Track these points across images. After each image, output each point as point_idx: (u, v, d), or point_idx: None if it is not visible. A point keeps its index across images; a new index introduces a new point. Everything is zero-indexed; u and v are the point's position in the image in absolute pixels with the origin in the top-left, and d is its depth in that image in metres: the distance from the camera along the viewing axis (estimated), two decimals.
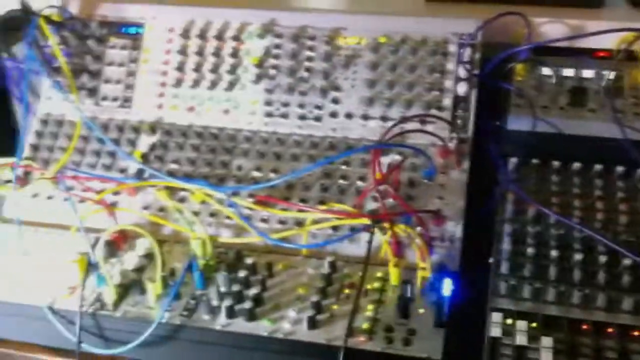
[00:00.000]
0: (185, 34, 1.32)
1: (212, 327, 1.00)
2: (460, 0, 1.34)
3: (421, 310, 1.01)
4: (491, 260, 1.05)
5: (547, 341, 0.94)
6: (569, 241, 1.05)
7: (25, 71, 1.27)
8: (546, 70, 1.22)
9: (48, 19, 1.27)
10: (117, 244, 1.15)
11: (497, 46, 1.23)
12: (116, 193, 1.24)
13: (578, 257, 1.02)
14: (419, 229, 1.09)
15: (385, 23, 1.26)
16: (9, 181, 1.25)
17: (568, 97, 1.19)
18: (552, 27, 1.25)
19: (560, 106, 1.18)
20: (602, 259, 1.02)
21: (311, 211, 1.12)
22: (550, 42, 1.23)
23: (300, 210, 1.14)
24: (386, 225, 1.06)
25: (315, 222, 1.13)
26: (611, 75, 1.19)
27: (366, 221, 1.08)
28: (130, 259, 1.12)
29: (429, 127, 1.20)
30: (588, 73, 1.21)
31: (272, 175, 1.21)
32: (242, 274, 1.06)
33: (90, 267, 1.08)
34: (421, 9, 1.35)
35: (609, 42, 1.20)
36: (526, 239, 1.06)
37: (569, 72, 1.22)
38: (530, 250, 1.04)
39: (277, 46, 1.28)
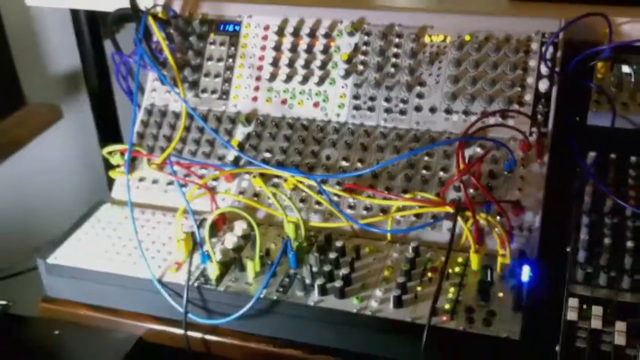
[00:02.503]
0: (280, 32, 1.41)
1: (305, 303, 1.09)
2: (543, 0, 1.38)
3: (500, 295, 1.08)
4: (569, 249, 1.11)
5: (621, 326, 0.99)
6: None
7: (136, 65, 1.38)
8: (626, 69, 1.25)
9: (155, 17, 1.38)
10: (218, 225, 1.26)
11: (579, 45, 1.28)
12: (215, 179, 1.34)
13: None
14: (499, 218, 1.15)
15: (470, 22, 1.32)
16: (117, 166, 1.36)
17: None
18: (633, 27, 1.28)
19: (639, 103, 1.22)
20: None
21: (396, 199, 1.20)
22: (631, 42, 1.26)
23: (386, 198, 1.22)
24: (468, 213, 1.13)
25: (400, 209, 1.21)
26: None
27: (449, 209, 1.16)
28: (229, 239, 1.22)
29: (511, 122, 1.26)
30: None
31: (358, 165, 1.29)
32: (332, 255, 1.15)
33: (195, 245, 1.18)
34: (505, 8, 1.40)
35: None
36: (603, 230, 1.11)
37: None
38: (606, 241, 1.09)
39: (366, 43, 1.36)
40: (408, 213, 1.20)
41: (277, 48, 1.41)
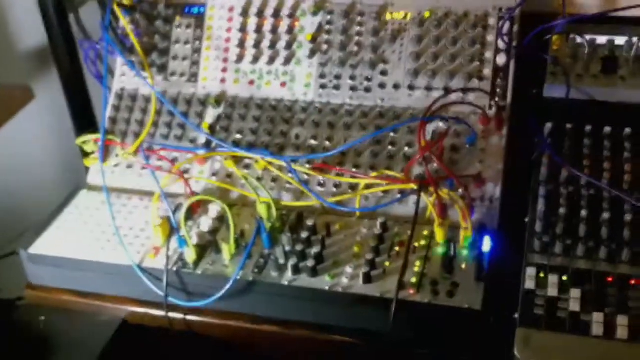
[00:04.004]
0: (244, 13, 1.43)
1: (280, 283, 1.15)
2: None
3: (463, 266, 1.14)
4: (527, 219, 1.17)
5: (575, 292, 1.06)
6: (598, 201, 1.16)
7: (104, 52, 1.41)
8: (580, 40, 1.30)
9: (120, 4, 1.40)
10: (193, 208, 1.30)
11: (536, 16, 1.32)
12: (188, 162, 1.38)
13: (606, 215, 1.13)
14: (460, 191, 1.21)
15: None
16: (91, 153, 1.40)
17: (600, 65, 1.28)
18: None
19: (593, 74, 1.27)
20: (628, 217, 1.13)
21: (363, 178, 1.25)
22: (583, 15, 1.31)
23: (354, 177, 1.27)
24: (431, 189, 1.18)
25: (367, 187, 1.26)
26: None
27: (413, 186, 1.21)
28: (204, 222, 1.27)
29: (471, 96, 1.31)
30: (620, 40, 1.29)
31: (327, 143, 1.34)
32: (304, 234, 1.21)
33: (171, 230, 1.23)
34: None
35: None
36: (559, 200, 1.17)
37: (602, 40, 1.30)
38: (562, 211, 1.15)
39: (329, 22, 1.39)
40: (375, 190, 1.25)
41: (243, 29, 1.43)
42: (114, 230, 1.27)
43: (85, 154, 1.41)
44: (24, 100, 2.00)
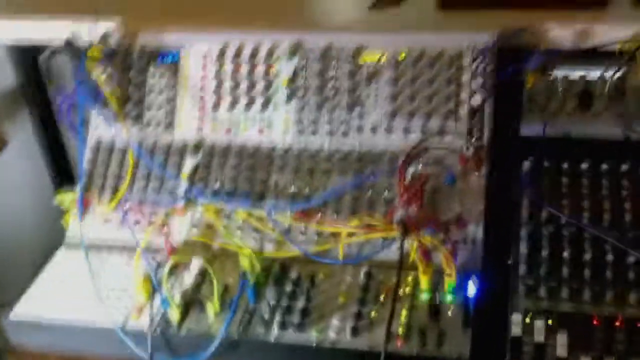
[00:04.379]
0: (219, 59, 1.42)
1: (266, 340, 1.14)
2: (473, 8, 1.41)
3: (450, 312, 1.14)
4: (510, 262, 1.18)
5: (562, 338, 1.06)
6: (580, 240, 1.17)
7: (79, 105, 1.39)
8: (555, 76, 1.30)
9: (92, 57, 1.38)
10: (174, 264, 1.29)
11: (509, 52, 1.32)
12: (168, 214, 1.37)
13: (587, 256, 1.14)
14: (442, 236, 1.21)
15: (403, 39, 1.35)
16: (69, 210, 1.38)
17: (576, 101, 1.28)
18: (559, 34, 1.33)
19: (568, 111, 1.28)
20: (609, 257, 1.13)
21: (344, 228, 1.25)
22: (557, 52, 1.31)
23: (335, 226, 1.27)
24: (413, 236, 1.18)
25: (350, 234, 1.26)
26: (616, 74, 1.28)
27: (396, 233, 1.21)
28: (187, 278, 1.26)
29: (449, 137, 1.31)
30: (594, 74, 1.30)
31: (307, 190, 1.33)
32: (288, 287, 1.20)
33: (153, 288, 1.22)
34: (436, 18, 1.42)
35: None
36: (541, 241, 1.18)
37: (576, 74, 1.31)
38: (544, 253, 1.16)
39: (305, 66, 1.39)
40: (357, 239, 1.25)
41: (218, 76, 1.43)
42: (94, 292, 1.25)
43: (64, 211, 1.39)
44: None
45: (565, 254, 1.15)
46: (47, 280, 1.32)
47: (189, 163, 1.40)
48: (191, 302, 1.22)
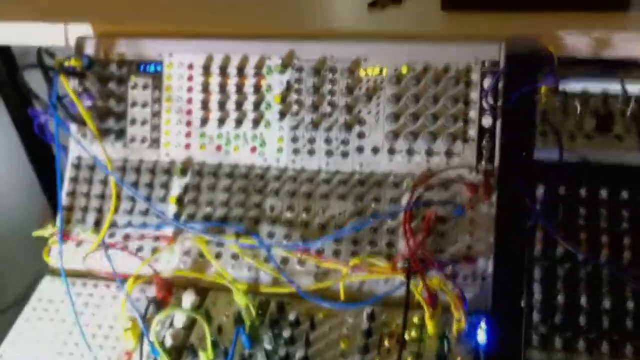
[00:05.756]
0: (206, 71, 1.31)
1: None
2: (479, 9, 1.29)
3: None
4: (523, 303, 1.10)
5: None
6: (598, 282, 1.09)
7: (55, 123, 1.29)
8: (571, 93, 1.20)
9: (67, 72, 1.27)
10: (164, 301, 1.22)
11: (521, 60, 1.21)
12: (157, 238, 1.29)
13: (607, 304, 1.06)
14: (449, 274, 1.13)
15: (405, 50, 1.24)
16: (51, 237, 1.30)
17: (594, 122, 1.18)
18: (575, 42, 1.21)
19: (587, 133, 1.18)
20: (630, 304, 1.06)
21: (344, 268, 1.16)
22: (574, 61, 1.20)
23: (335, 263, 1.18)
24: (419, 277, 1.10)
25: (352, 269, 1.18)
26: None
27: (400, 276, 1.13)
28: (178, 318, 1.18)
29: (456, 159, 1.21)
30: (615, 89, 1.19)
31: (303, 215, 1.24)
32: (286, 332, 1.13)
33: (142, 339, 1.14)
34: (440, 24, 1.30)
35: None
36: (556, 283, 1.10)
37: (595, 89, 1.20)
38: (560, 298, 1.08)
39: (298, 80, 1.27)
40: (359, 278, 1.17)
41: (205, 89, 1.31)
42: (80, 334, 1.18)
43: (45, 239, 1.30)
44: None
45: (583, 301, 1.07)
46: (30, 318, 1.24)
47: (177, 185, 1.31)
48: (182, 347, 1.15)
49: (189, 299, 1.21)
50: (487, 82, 1.19)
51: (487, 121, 1.20)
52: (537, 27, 1.22)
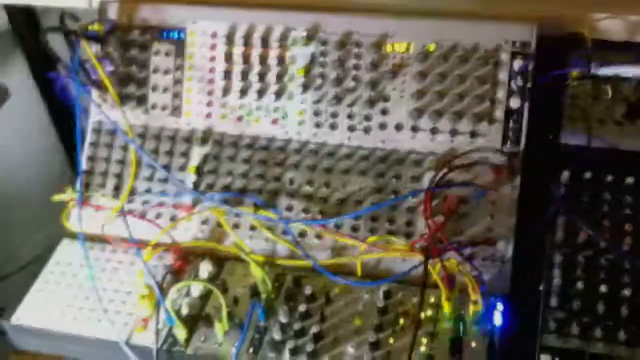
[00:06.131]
0: (229, 40, 1.29)
1: None
2: None
3: (473, 344, 1.07)
4: (541, 288, 1.09)
5: None
6: (619, 271, 1.08)
7: (75, 88, 1.28)
8: (603, 78, 1.17)
9: (89, 37, 1.26)
10: (181, 269, 1.22)
11: (554, 41, 1.19)
12: (175, 207, 1.28)
13: (626, 292, 1.05)
14: (468, 255, 1.12)
15: (434, 27, 1.22)
16: (70, 201, 1.30)
17: (625, 108, 1.16)
18: (610, 25, 1.18)
19: (616, 120, 1.16)
20: None
21: (363, 245, 1.16)
22: (606, 46, 1.17)
23: (353, 240, 1.18)
24: (437, 260, 1.09)
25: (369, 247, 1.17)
26: None
27: (419, 257, 1.12)
28: (194, 288, 1.18)
29: (480, 140, 1.19)
30: None
31: (323, 190, 1.24)
32: (301, 307, 1.12)
33: (158, 308, 1.15)
34: (473, 1, 1.27)
35: None
36: (576, 269, 1.09)
37: (627, 72, 1.18)
38: (579, 285, 1.07)
39: (323, 54, 1.26)
40: (377, 256, 1.16)
41: (228, 59, 1.30)
42: (97, 298, 1.18)
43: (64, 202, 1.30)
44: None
45: (602, 289, 1.06)
46: (48, 281, 1.25)
47: (197, 154, 1.30)
48: (198, 317, 1.15)
49: (206, 268, 1.21)
50: (517, 64, 1.17)
51: (514, 103, 1.18)
52: (572, 7, 1.19)
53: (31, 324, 1.19)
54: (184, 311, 1.15)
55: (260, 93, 1.29)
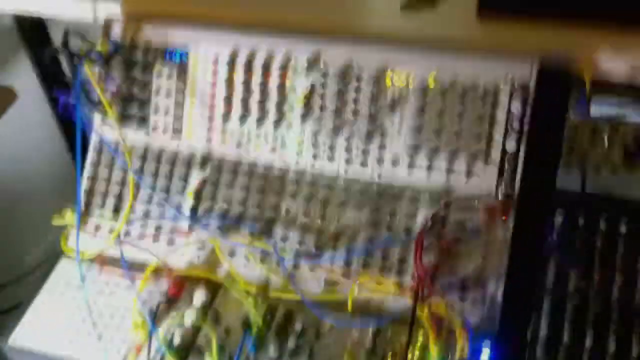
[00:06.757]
0: (230, 66, 1.29)
1: None
2: (517, 18, 1.24)
3: None
4: (528, 335, 1.10)
5: None
6: (606, 321, 1.08)
7: (77, 114, 1.29)
8: (602, 119, 1.16)
9: (92, 60, 1.26)
10: (176, 295, 1.24)
11: (552, 91, 1.17)
12: (173, 230, 1.30)
13: (612, 347, 1.06)
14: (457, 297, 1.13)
15: (434, 61, 1.21)
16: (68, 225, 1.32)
17: (622, 154, 1.15)
18: (613, 65, 1.17)
19: (613, 165, 1.15)
20: (636, 350, 1.05)
21: (355, 282, 1.17)
22: (608, 86, 1.16)
23: (345, 278, 1.19)
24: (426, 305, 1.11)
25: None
26: None
27: (409, 297, 1.13)
28: (188, 315, 1.20)
29: (475, 180, 1.19)
30: None
31: (319, 221, 1.25)
32: (291, 342, 1.15)
33: (150, 339, 1.17)
34: (474, 28, 1.26)
35: None
36: (563, 320, 1.09)
37: (626, 114, 1.17)
38: (565, 337, 1.07)
39: (323, 84, 1.25)
40: (367, 294, 1.18)
41: (229, 84, 1.30)
42: (92, 323, 1.21)
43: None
44: (7, 101, 1.89)
45: (588, 342, 1.06)
46: (45, 302, 1.28)
47: (196, 178, 1.31)
48: (190, 347, 1.18)
49: (199, 297, 1.23)
50: (515, 106, 1.16)
51: (510, 145, 1.17)
52: (576, 43, 1.17)
53: (28, 346, 1.22)
54: (177, 340, 1.18)
55: (260, 120, 1.29)
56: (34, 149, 1.94)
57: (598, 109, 1.16)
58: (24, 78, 1.80)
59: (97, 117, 1.35)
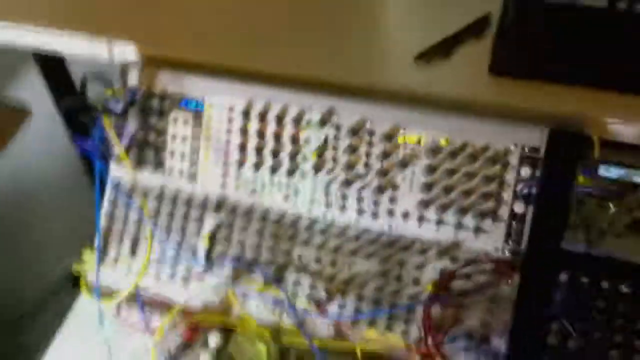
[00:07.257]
0: (245, 116, 1.32)
1: None
2: (530, 78, 1.26)
3: None
4: None
5: None
6: None
7: (95, 157, 1.33)
8: (608, 189, 1.19)
9: (110, 112, 1.30)
10: (190, 339, 1.29)
11: (561, 158, 1.20)
12: (188, 271, 1.35)
13: None
14: None
15: (446, 122, 1.24)
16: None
17: (628, 221, 1.18)
18: (622, 129, 1.20)
19: (617, 232, 1.19)
20: None
21: (362, 333, 1.22)
22: (616, 150, 1.19)
23: (354, 327, 1.24)
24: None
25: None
26: None
27: (415, 356, 1.18)
28: (204, 358, 1.26)
29: (483, 237, 1.23)
30: None
31: (329, 269, 1.29)
32: None
33: None
34: (485, 84, 1.28)
35: None
36: None
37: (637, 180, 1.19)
38: None
39: (336, 137, 1.29)
40: (374, 348, 1.22)
41: (244, 133, 1.33)
42: None
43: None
44: (21, 119, 1.93)
45: None
46: (63, 345, 1.33)
47: (211, 220, 1.35)
48: None
49: (213, 340, 1.28)
50: (524, 170, 1.19)
51: (519, 207, 1.21)
52: (586, 105, 1.20)
53: None
54: None
55: (274, 169, 1.32)
56: (51, 164, 1.97)
57: (606, 170, 1.19)
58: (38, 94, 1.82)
59: (113, 163, 1.38)
